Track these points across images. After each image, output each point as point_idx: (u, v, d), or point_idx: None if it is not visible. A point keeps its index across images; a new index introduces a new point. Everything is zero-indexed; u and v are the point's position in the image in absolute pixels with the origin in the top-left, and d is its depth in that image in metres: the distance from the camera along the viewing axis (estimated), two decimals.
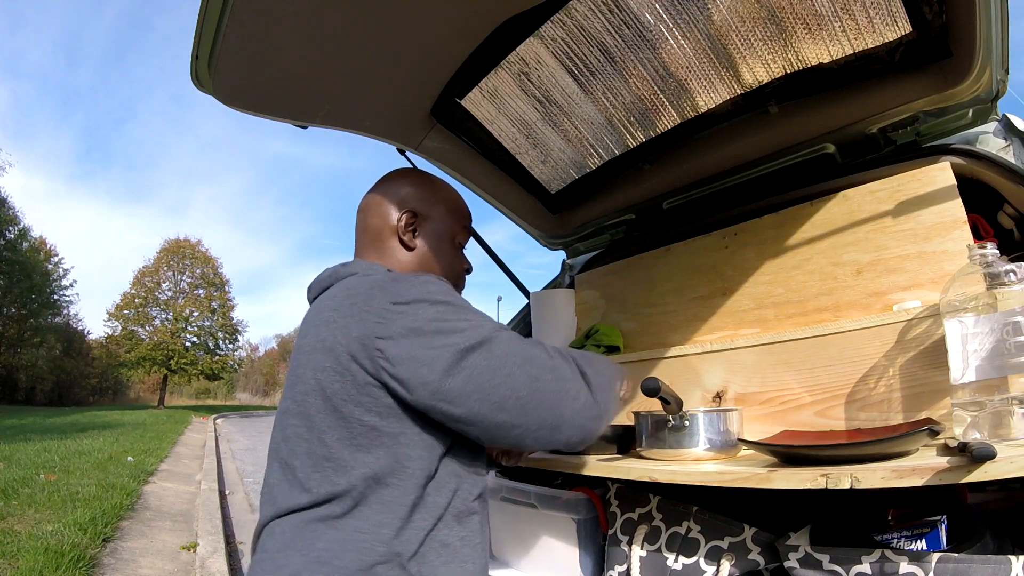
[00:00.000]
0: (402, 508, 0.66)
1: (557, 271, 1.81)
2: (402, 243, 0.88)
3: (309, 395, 0.71)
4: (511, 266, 1.69)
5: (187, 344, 31.78)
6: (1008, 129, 1.01)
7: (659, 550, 0.95)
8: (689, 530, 0.94)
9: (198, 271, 33.19)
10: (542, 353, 0.72)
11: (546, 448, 0.73)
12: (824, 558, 0.72)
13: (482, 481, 0.77)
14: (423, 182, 0.94)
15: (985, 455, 0.57)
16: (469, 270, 0.98)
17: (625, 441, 1.07)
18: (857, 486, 0.64)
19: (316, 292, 0.83)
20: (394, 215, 0.88)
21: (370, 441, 0.67)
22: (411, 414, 0.68)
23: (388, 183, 0.93)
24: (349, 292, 0.74)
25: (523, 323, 1.71)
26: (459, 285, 0.96)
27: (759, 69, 1.12)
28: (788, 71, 1.11)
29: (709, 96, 1.21)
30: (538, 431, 0.69)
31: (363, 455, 0.67)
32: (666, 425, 0.91)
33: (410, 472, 0.68)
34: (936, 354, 0.84)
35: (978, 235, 0.99)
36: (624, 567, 0.98)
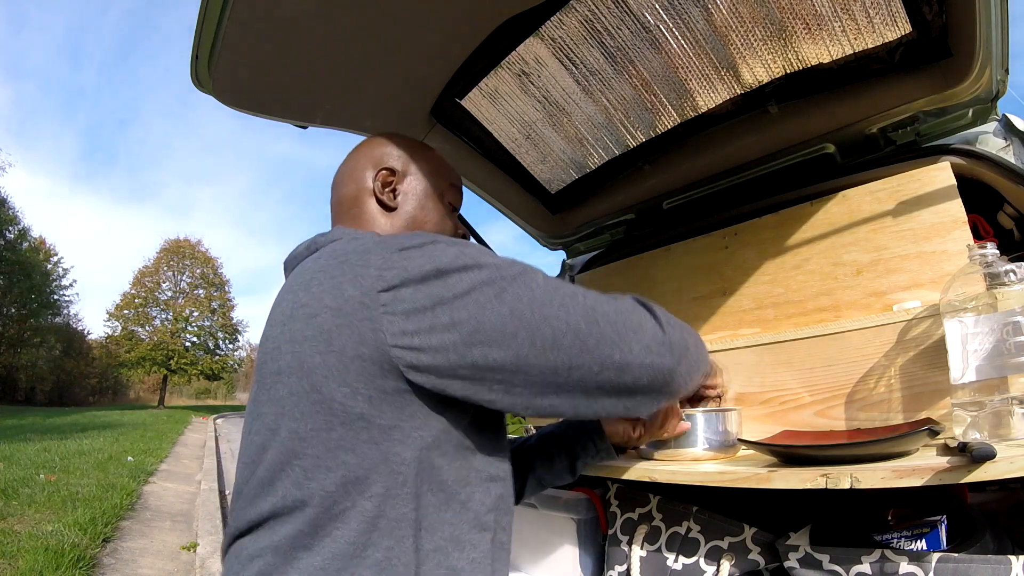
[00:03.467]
0: (392, 525, 0.54)
1: (557, 271, 1.81)
2: (381, 204, 0.76)
3: (283, 373, 0.57)
4: None
5: (187, 344, 31.83)
6: (1008, 129, 1.01)
7: (659, 550, 0.95)
8: (689, 530, 0.94)
9: (198, 271, 33.27)
10: (587, 289, 0.61)
11: (611, 398, 0.58)
12: (824, 558, 0.72)
13: (498, 488, 0.63)
14: (399, 139, 0.83)
15: (985, 455, 0.57)
16: (466, 237, 0.85)
17: None
18: (857, 486, 0.64)
19: (294, 265, 0.72)
20: (369, 176, 0.78)
21: (355, 435, 0.54)
22: (412, 398, 0.55)
23: (360, 148, 0.83)
24: (337, 252, 0.61)
25: None
26: None
27: (759, 69, 1.12)
28: (788, 71, 1.11)
29: (709, 96, 1.21)
30: (601, 373, 0.55)
31: (343, 454, 0.54)
32: None
33: (403, 479, 0.54)
34: (936, 354, 0.84)
35: (978, 235, 0.99)
36: (624, 567, 0.98)
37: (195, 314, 32.41)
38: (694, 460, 0.89)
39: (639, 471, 0.88)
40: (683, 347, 0.61)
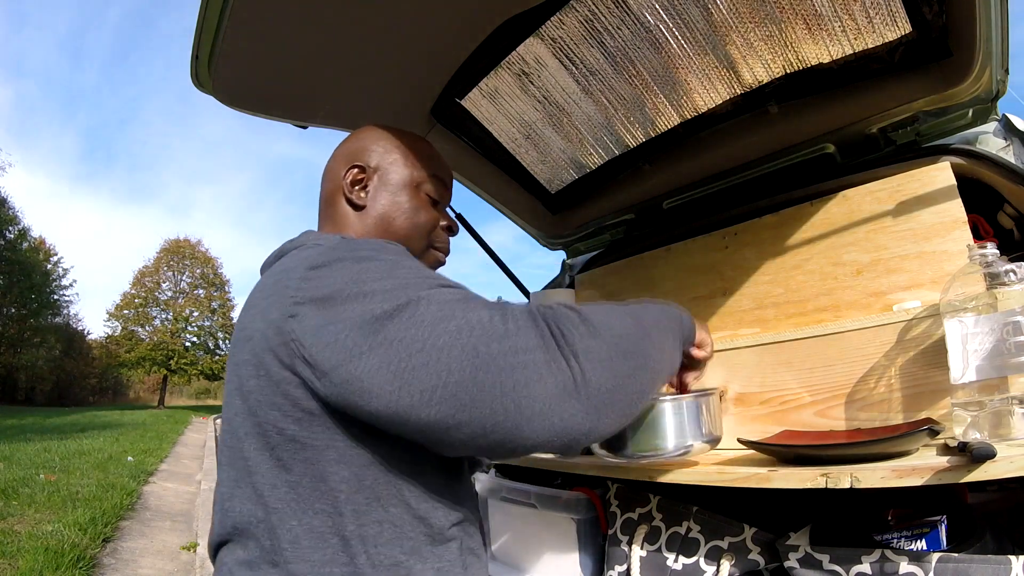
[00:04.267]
0: (344, 542, 0.52)
1: (558, 271, 1.81)
2: (350, 203, 0.74)
3: (231, 395, 0.59)
4: (515, 266, 1.69)
5: (187, 344, 31.84)
6: (1008, 129, 1.01)
7: (659, 550, 0.95)
8: (689, 530, 0.94)
9: (198, 271, 33.30)
10: (493, 315, 0.49)
11: (514, 457, 0.54)
12: (824, 558, 0.72)
13: (462, 498, 0.60)
14: (379, 132, 0.79)
15: (985, 455, 0.57)
16: (453, 230, 0.81)
17: None
18: (857, 486, 0.64)
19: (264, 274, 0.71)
20: (342, 173, 0.75)
21: (291, 456, 0.53)
22: (339, 419, 0.53)
23: (343, 142, 0.80)
24: (277, 271, 0.61)
25: None
26: (436, 245, 0.78)
27: (759, 69, 1.12)
28: (788, 71, 1.11)
29: (709, 96, 1.21)
30: (492, 433, 0.46)
31: (284, 474, 0.53)
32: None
33: (345, 497, 0.53)
34: (936, 354, 0.84)
35: (978, 235, 0.99)
36: (624, 567, 0.98)
37: (195, 314, 32.43)
38: (664, 464, 0.82)
39: (639, 471, 0.88)
40: (606, 396, 0.48)
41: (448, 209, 0.88)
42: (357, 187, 0.75)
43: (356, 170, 0.75)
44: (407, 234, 0.74)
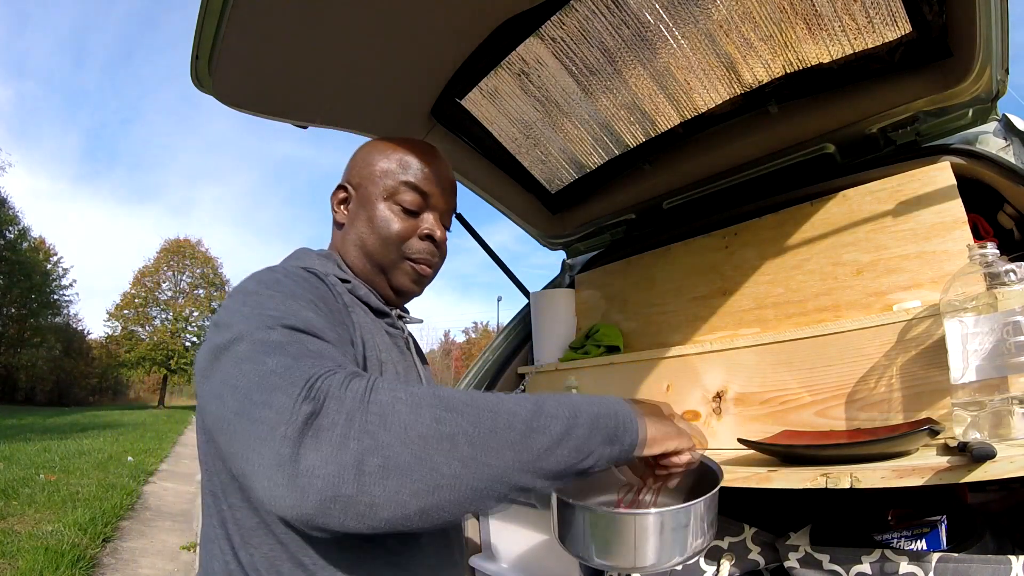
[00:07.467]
0: (240, 532, 0.56)
1: (558, 271, 1.81)
2: (335, 221, 0.78)
3: None
4: (515, 267, 1.69)
5: (187, 344, 31.83)
6: (1008, 129, 1.01)
7: None
8: None
9: (198, 271, 33.33)
10: (279, 368, 0.46)
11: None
12: (824, 558, 0.73)
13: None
14: (368, 148, 0.80)
15: (985, 455, 0.57)
16: (434, 237, 0.76)
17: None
18: (857, 486, 0.64)
19: None
20: (332, 193, 0.80)
21: (211, 448, 0.61)
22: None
23: None
24: None
25: (523, 323, 1.71)
26: (410, 257, 0.75)
27: (759, 69, 1.12)
28: (788, 71, 1.11)
29: (709, 96, 1.21)
30: (241, 478, 0.48)
31: (210, 462, 0.61)
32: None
33: (238, 485, 0.56)
34: (936, 354, 0.84)
35: (978, 235, 0.99)
36: None
37: (195, 314, 32.44)
38: None
39: None
40: (325, 480, 0.41)
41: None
42: (342, 206, 0.78)
43: (340, 190, 0.79)
44: (376, 248, 0.74)
